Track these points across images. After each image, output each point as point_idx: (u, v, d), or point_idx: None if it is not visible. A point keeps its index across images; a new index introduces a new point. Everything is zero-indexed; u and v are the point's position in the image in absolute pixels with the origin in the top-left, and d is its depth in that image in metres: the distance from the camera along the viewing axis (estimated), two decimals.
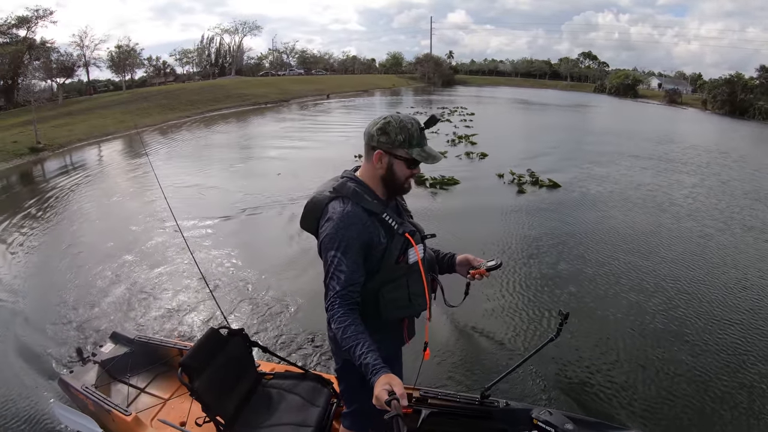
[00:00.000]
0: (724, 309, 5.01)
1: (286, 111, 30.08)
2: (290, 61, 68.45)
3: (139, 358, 3.12)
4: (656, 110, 41.68)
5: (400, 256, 1.82)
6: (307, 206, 1.91)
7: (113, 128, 22.44)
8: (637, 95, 59.65)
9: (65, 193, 10.64)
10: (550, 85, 74.83)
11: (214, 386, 2.25)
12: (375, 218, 1.79)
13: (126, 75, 47.81)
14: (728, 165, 13.86)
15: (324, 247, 1.77)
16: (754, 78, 52.13)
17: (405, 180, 1.81)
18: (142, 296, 5.35)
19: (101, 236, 7.41)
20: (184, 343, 3.18)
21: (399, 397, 1.41)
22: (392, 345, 2.05)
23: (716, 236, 7.38)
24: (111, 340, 3.34)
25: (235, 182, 10.58)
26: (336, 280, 1.71)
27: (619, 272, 5.86)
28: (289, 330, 4.58)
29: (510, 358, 4.08)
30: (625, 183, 10.83)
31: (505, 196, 9.30)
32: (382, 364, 1.53)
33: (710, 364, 4.11)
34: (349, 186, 1.81)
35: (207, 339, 2.37)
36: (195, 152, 15.65)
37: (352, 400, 2.12)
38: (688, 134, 22.65)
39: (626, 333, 4.55)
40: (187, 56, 58.63)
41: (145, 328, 4.62)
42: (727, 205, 9.20)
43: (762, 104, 44.40)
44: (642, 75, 77.22)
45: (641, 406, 3.61)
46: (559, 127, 23.56)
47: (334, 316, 1.69)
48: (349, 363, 1.86)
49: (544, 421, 1.96)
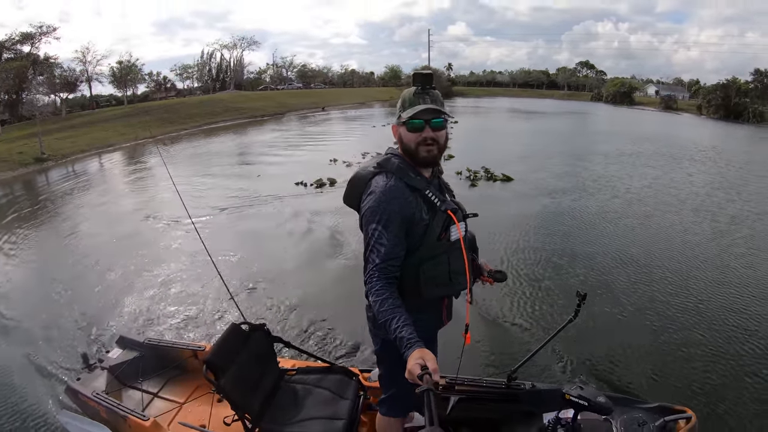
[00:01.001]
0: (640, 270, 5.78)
1: (277, 123, 31.11)
2: (289, 75, 69.67)
3: (150, 362, 3.02)
4: (648, 116, 42.46)
5: (442, 233, 1.82)
6: (351, 181, 1.91)
7: (114, 140, 23.47)
8: (633, 102, 60.25)
9: (68, 195, 11.59)
10: (547, 95, 75.58)
11: (240, 383, 2.23)
12: (418, 194, 1.80)
13: (128, 90, 49.05)
14: (699, 160, 14.77)
15: (365, 220, 1.77)
16: (748, 82, 52.54)
17: (415, 146, 1.78)
18: (149, 295, 5.43)
19: (102, 234, 8.00)
20: (197, 344, 3.09)
21: (432, 372, 1.39)
22: (430, 326, 2.02)
23: (657, 216, 8.29)
24: (118, 345, 3.22)
25: (226, 182, 11.54)
26: (376, 253, 1.70)
27: (557, 250, 6.59)
28: (305, 324, 4.65)
29: (527, 341, 4.24)
30: (585, 176, 11.73)
31: (456, 190, 10.19)
32: (416, 338, 1.52)
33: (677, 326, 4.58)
34: (393, 161, 1.82)
35: (229, 335, 2.33)
36: (190, 159, 16.63)
37: (390, 385, 2.10)
38: (668, 135, 23.57)
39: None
40: (187, 71, 59.83)
41: (152, 330, 4.58)
42: (687, 194, 10.02)
43: (756, 107, 44.78)
44: (639, 83, 77.77)
45: (661, 379, 3.80)
46: (542, 132, 24.52)
47: (373, 289, 1.68)
48: (389, 344, 1.83)
49: (577, 395, 1.92)
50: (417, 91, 1.76)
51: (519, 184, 10.71)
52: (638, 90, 70.28)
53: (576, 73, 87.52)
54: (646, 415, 2.22)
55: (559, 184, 10.88)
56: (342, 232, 7.32)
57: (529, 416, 2.45)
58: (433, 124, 1.75)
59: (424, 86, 1.76)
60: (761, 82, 52.30)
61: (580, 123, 32.14)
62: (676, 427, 2.13)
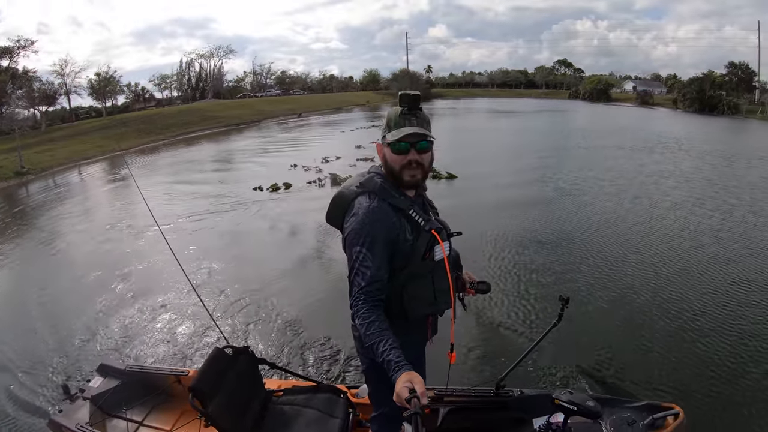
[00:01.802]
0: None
1: (251, 131, 32.14)
2: (268, 82, 70.48)
3: (133, 390, 2.93)
4: (623, 111, 43.72)
5: (426, 253, 1.81)
6: (334, 201, 1.90)
7: (92, 152, 24.28)
8: (610, 99, 61.33)
9: (45, 207, 12.55)
10: (525, 94, 76.51)
11: (228, 409, 2.21)
12: (401, 214, 1.79)
13: (107, 101, 49.55)
14: (658, 151, 16.40)
15: (349, 242, 1.76)
16: (722, 75, 54.09)
17: (399, 169, 1.78)
18: (126, 318, 5.37)
19: (78, 247, 8.43)
20: (180, 369, 3.04)
21: (420, 395, 1.40)
22: (416, 346, 2.04)
23: (594, 204, 9.53)
24: (99, 373, 3.11)
25: (191, 188, 12.57)
26: (361, 275, 1.70)
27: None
28: (286, 342, 4.71)
29: (515, 347, 4.33)
30: (536, 169, 12.91)
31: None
32: (404, 362, 1.52)
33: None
34: (376, 181, 1.81)
35: (214, 360, 2.31)
36: (159, 169, 17.60)
37: (379, 404, 2.12)
38: (635, 129, 25.34)
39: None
40: (165, 81, 60.49)
41: (134, 356, 4.55)
42: (632, 184, 11.28)
43: (731, 99, 45.64)
44: (617, 79, 79.44)
45: (645, 377, 3.95)
46: (510, 131, 26.01)
47: (359, 312, 1.67)
48: (377, 365, 1.79)
49: (567, 400, 1.95)
50: (403, 111, 1.75)
51: (461, 181, 11.81)
52: (615, 86, 71.26)
53: (554, 71, 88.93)
54: (635, 413, 2.26)
55: (505, 179, 12.09)
56: (294, 232, 8.33)
57: (519, 422, 2.47)
58: (418, 147, 1.76)
59: (411, 107, 1.76)
60: (735, 74, 54.53)
61: (551, 120, 33.59)
62: (664, 423, 2.19)
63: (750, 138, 23.97)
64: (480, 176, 12.39)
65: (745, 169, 13.26)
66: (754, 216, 8.52)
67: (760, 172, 12.56)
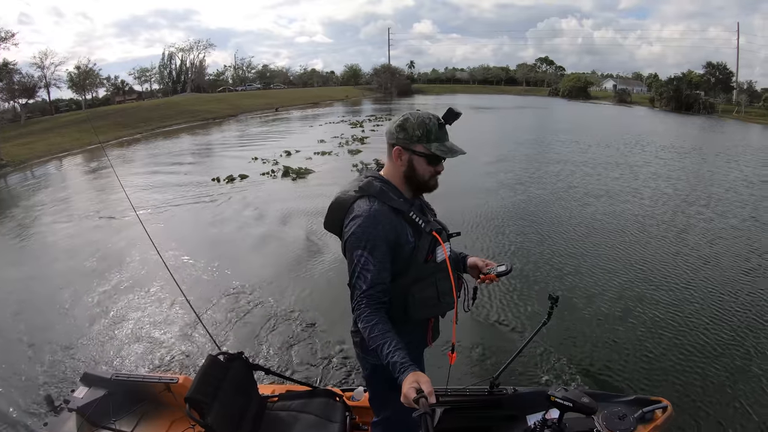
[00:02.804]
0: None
1: (225, 125, 33.24)
2: (249, 76, 71.13)
3: (120, 399, 2.85)
4: (598, 109, 44.77)
5: (428, 255, 1.82)
6: (332, 206, 1.88)
7: (69, 145, 25.32)
8: (589, 97, 62.69)
9: (21, 199, 13.71)
10: (506, 91, 77.42)
11: (226, 418, 2.20)
12: (401, 217, 1.79)
13: (87, 94, 50.18)
14: (612, 146, 18.01)
15: (350, 246, 1.75)
16: (700, 75, 55.22)
17: (429, 177, 1.82)
18: (108, 322, 5.20)
19: (53, 245, 8.42)
20: (170, 376, 2.93)
21: (428, 395, 1.41)
22: (417, 347, 2.05)
23: (528, 191, 10.59)
24: (83, 383, 2.97)
25: (155, 178, 13.79)
26: (363, 279, 1.70)
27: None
28: (275, 344, 4.64)
29: (507, 346, 4.36)
30: (479, 162, 14.04)
31: (347, 178, 12.60)
32: (409, 362, 1.53)
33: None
34: (375, 185, 1.81)
35: (208, 368, 2.29)
36: (131, 162, 18.81)
37: (381, 408, 2.11)
38: (599, 126, 27.16)
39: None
40: (145, 75, 61.03)
41: (119, 364, 4.39)
42: (574, 176, 12.44)
43: (707, 99, 47.19)
44: (596, 77, 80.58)
45: (634, 370, 4.10)
46: (473, 129, 27.33)
47: (361, 315, 1.68)
48: (379, 368, 1.85)
49: (562, 397, 1.96)
50: (441, 124, 1.79)
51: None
52: (594, 85, 72.46)
53: (535, 69, 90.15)
54: (625, 408, 2.33)
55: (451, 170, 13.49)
56: (239, 220, 9.50)
57: (514, 420, 2.53)
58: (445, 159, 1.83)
59: (449, 122, 1.79)
60: (713, 74, 55.17)
61: (521, 117, 34.79)
62: (653, 416, 2.26)
63: (714, 135, 25.99)
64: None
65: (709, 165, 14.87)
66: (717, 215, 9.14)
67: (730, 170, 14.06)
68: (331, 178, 12.69)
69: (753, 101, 48.34)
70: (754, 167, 14.56)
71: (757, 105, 46.84)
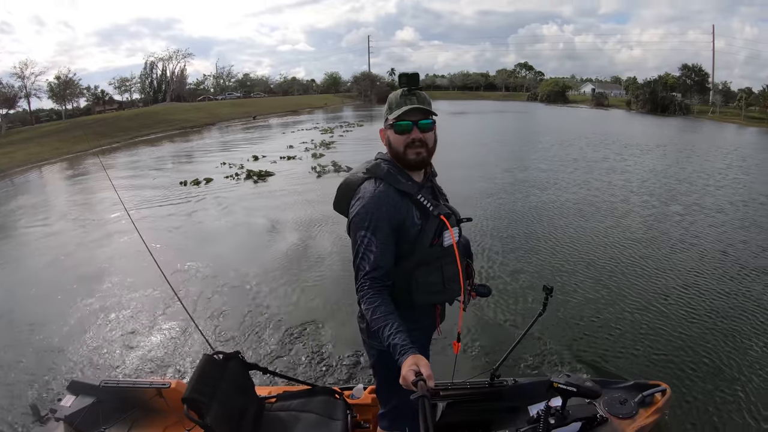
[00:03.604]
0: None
1: (202, 134, 34.14)
2: (229, 85, 72.03)
3: (110, 407, 2.75)
4: (575, 113, 45.80)
5: (435, 238, 1.81)
6: (340, 187, 1.92)
7: (48, 155, 26.12)
8: (567, 101, 64.17)
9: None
10: (485, 96, 78.96)
11: (225, 419, 2.15)
12: (408, 199, 1.80)
13: (68, 104, 50.72)
14: (576, 145, 19.58)
15: (354, 226, 1.78)
16: (676, 77, 57.20)
17: (403, 149, 1.79)
18: (95, 327, 5.11)
19: (35, 248, 8.61)
20: (162, 381, 2.87)
21: (426, 378, 1.41)
22: (424, 335, 2.04)
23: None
24: (70, 391, 2.88)
25: (131, 182, 14.87)
26: (366, 260, 1.72)
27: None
28: (268, 343, 4.63)
29: (505, 338, 4.40)
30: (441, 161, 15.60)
31: (304, 179, 13.80)
32: (410, 345, 1.53)
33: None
34: (383, 167, 1.82)
35: (204, 367, 2.24)
36: (112, 168, 19.79)
37: (389, 398, 2.08)
38: (570, 129, 28.48)
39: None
40: (125, 84, 61.72)
41: (108, 370, 4.27)
42: (527, 171, 13.79)
43: (683, 101, 48.41)
44: (574, 82, 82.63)
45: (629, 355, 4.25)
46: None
47: (365, 297, 1.69)
48: (384, 354, 1.82)
49: (566, 383, 2.01)
50: (404, 92, 1.77)
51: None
52: (572, 89, 74.09)
53: (515, 74, 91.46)
54: (625, 393, 2.39)
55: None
56: (200, 220, 10.38)
57: (515, 411, 2.55)
58: (420, 126, 1.77)
59: (410, 87, 1.77)
60: (689, 76, 57.20)
61: (494, 120, 36.24)
62: (653, 400, 2.34)
63: (684, 134, 27.79)
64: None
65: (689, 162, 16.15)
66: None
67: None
68: (289, 179, 13.95)
69: (728, 101, 49.78)
70: (714, 161, 15.95)
71: (732, 105, 48.32)
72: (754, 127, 36.84)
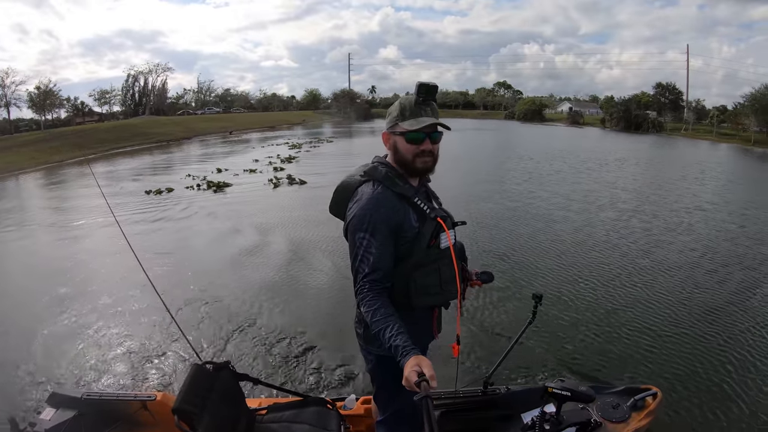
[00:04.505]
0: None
1: (175, 148, 35.29)
2: (209, 100, 73.25)
3: (92, 420, 2.60)
4: (547, 130, 47.01)
5: (432, 240, 1.85)
6: (337, 190, 1.95)
7: (25, 164, 27.09)
8: (544, 119, 65.22)
9: None
10: (464, 115, 79.33)
11: (217, 429, 2.11)
12: (406, 202, 1.83)
13: (48, 115, 51.29)
14: (538, 161, 21.02)
15: (352, 228, 1.79)
16: (650, 95, 58.77)
17: (412, 158, 1.82)
18: (75, 336, 5.02)
19: (13, 254, 8.78)
20: (147, 393, 2.74)
21: (429, 379, 1.42)
22: (422, 340, 2.04)
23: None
24: (50, 404, 2.69)
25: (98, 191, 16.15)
26: (366, 262, 1.73)
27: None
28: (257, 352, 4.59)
29: (497, 347, 4.42)
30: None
31: (258, 190, 15.24)
32: (412, 346, 1.54)
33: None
34: (381, 170, 1.85)
35: (195, 377, 2.19)
36: (88, 177, 21.05)
37: (389, 403, 2.08)
38: (540, 145, 30.44)
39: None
40: (104, 96, 62.59)
41: (89, 382, 4.15)
42: (482, 186, 14.54)
43: (655, 117, 49.79)
44: (551, 100, 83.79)
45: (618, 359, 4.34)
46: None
47: (364, 299, 1.71)
48: (383, 360, 1.88)
49: (560, 388, 2.04)
50: (418, 101, 1.78)
51: (308, 186, 15.67)
52: (548, 107, 75.10)
53: (493, 93, 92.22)
54: (618, 397, 2.45)
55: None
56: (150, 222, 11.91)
57: (508, 418, 2.58)
58: (432, 137, 1.81)
59: (426, 97, 1.79)
60: (663, 95, 59.03)
61: (466, 138, 37.38)
62: (645, 403, 2.41)
63: (651, 149, 29.85)
64: (323, 183, 16.44)
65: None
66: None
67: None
68: (245, 189, 15.50)
69: (701, 119, 51.47)
70: (668, 173, 17.49)
71: (704, 122, 49.98)
72: (725, 143, 39.17)
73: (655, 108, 56.50)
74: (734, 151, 34.44)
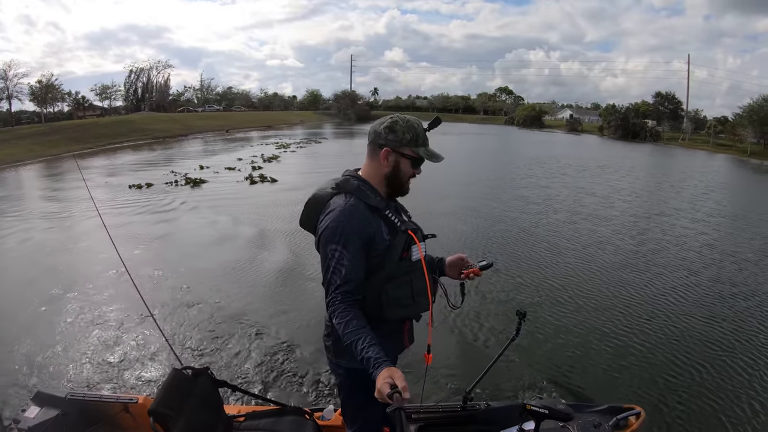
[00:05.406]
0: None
1: (168, 145, 36.10)
2: (210, 98, 74.25)
3: (75, 420, 2.63)
4: (543, 137, 47.36)
5: (404, 252, 1.87)
6: (308, 203, 1.96)
7: (23, 157, 28.06)
8: (543, 125, 65.99)
9: None
10: (464, 119, 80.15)
11: None
12: (377, 214, 1.85)
13: (49, 108, 52.03)
14: (525, 166, 22.14)
15: (324, 240, 1.81)
16: (649, 104, 59.09)
17: (407, 179, 1.92)
18: (62, 334, 5.06)
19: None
20: (129, 396, 2.77)
21: (401, 390, 1.43)
22: (392, 351, 2.05)
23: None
24: (35, 402, 2.72)
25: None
26: (338, 274, 1.75)
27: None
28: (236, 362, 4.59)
29: (478, 362, 4.37)
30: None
31: (233, 187, 16.19)
32: (384, 358, 1.56)
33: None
34: (353, 182, 1.88)
35: (173, 381, 2.22)
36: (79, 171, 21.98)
37: (356, 416, 2.10)
38: (532, 152, 31.03)
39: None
40: (106, 92, 63.55)
41: (74, 382, 4.21)
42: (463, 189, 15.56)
43: (653, 126, 50.13)
44: (551, 107, 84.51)
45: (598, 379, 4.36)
46: None
47: (336, 311, 1.72)
48: (353, 373, 1.91)
49: (540, 405, 2.03)
50: (425, 130, 1.89)
51: (279, 184, 16.59)
52: (548, 114, 75.71)
53: (495, 98, 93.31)
54: (599, 417, 2.40)
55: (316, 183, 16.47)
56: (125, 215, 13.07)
57: None
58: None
59: (432, 127, 1.90)
60: (662, 104, 59.29)
61: (460, 141, 38.07)
62: (627, 423, 2.37)
63: (641, 157, 30.48)
64: (298, 182, 17.26)
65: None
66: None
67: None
68: (220, 185, 16.48)
69: (699, 129, 51.79)
70: (646, 181, 18.15)
71: (702, 132, 50.35)
72: (721, 153, 39.44)
73: (654, 117, 57.01)
74: (729, 161, 34.77)
